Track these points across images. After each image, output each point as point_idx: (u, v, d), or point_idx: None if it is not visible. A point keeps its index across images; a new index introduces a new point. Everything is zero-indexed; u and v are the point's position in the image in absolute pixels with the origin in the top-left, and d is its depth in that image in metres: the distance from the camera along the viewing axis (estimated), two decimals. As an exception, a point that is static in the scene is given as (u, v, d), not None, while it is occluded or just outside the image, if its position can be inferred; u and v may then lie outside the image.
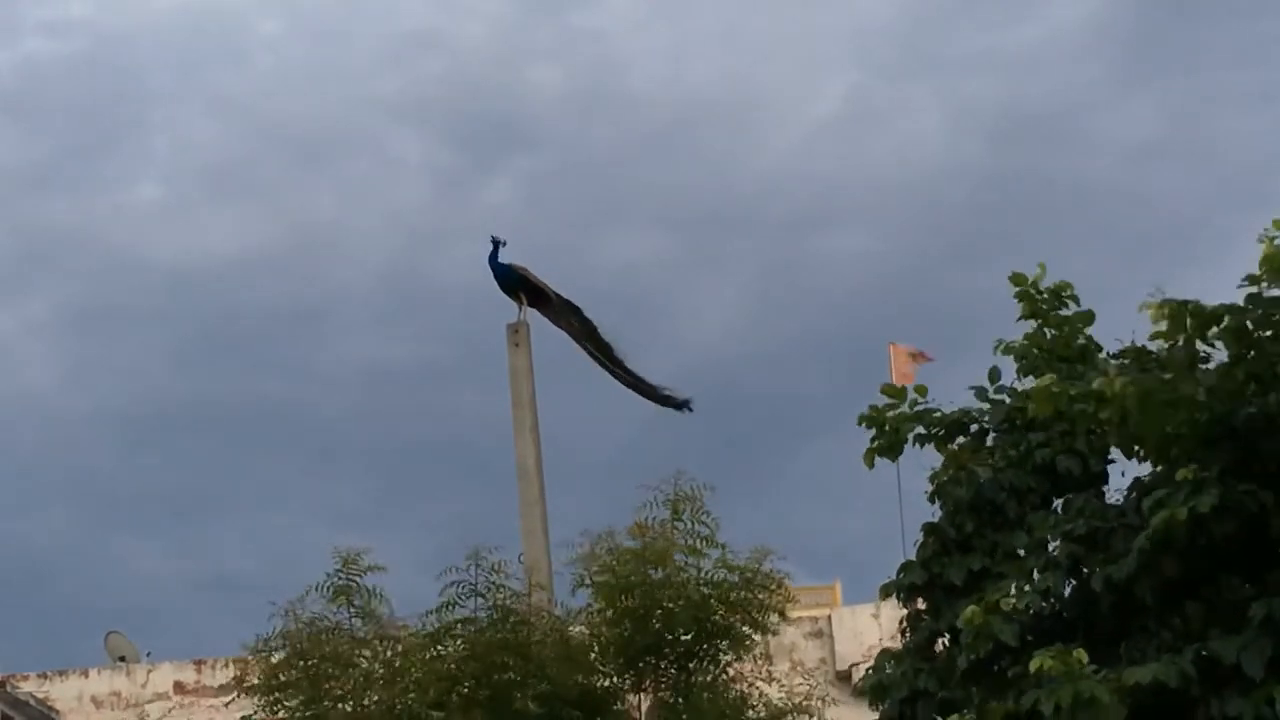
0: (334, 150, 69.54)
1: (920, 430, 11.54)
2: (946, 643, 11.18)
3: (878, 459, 11.58)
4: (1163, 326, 9.65)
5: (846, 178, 66.02)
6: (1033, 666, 9.39)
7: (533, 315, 22.97)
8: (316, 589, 18.16)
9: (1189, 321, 9.57)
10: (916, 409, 11.55)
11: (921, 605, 11.47)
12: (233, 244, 65.18)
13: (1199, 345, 9.71)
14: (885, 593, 11.68)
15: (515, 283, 22.92)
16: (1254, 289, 9.48)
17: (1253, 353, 9.50)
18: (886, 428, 11.50)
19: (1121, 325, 11.59)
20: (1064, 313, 11.60)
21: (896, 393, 11.57)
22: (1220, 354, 10.03)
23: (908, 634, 11.55)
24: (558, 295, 23.19)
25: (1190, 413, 9.58)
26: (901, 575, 11.39)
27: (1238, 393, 9.54)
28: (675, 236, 65.71)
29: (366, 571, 18.33)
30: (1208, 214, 63.50)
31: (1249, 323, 9.48)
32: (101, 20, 73.36)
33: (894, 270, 62.24)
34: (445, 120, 68.62)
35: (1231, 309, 9.53)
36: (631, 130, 67.06)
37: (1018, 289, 11.58)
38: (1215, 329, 9.56)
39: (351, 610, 18.23)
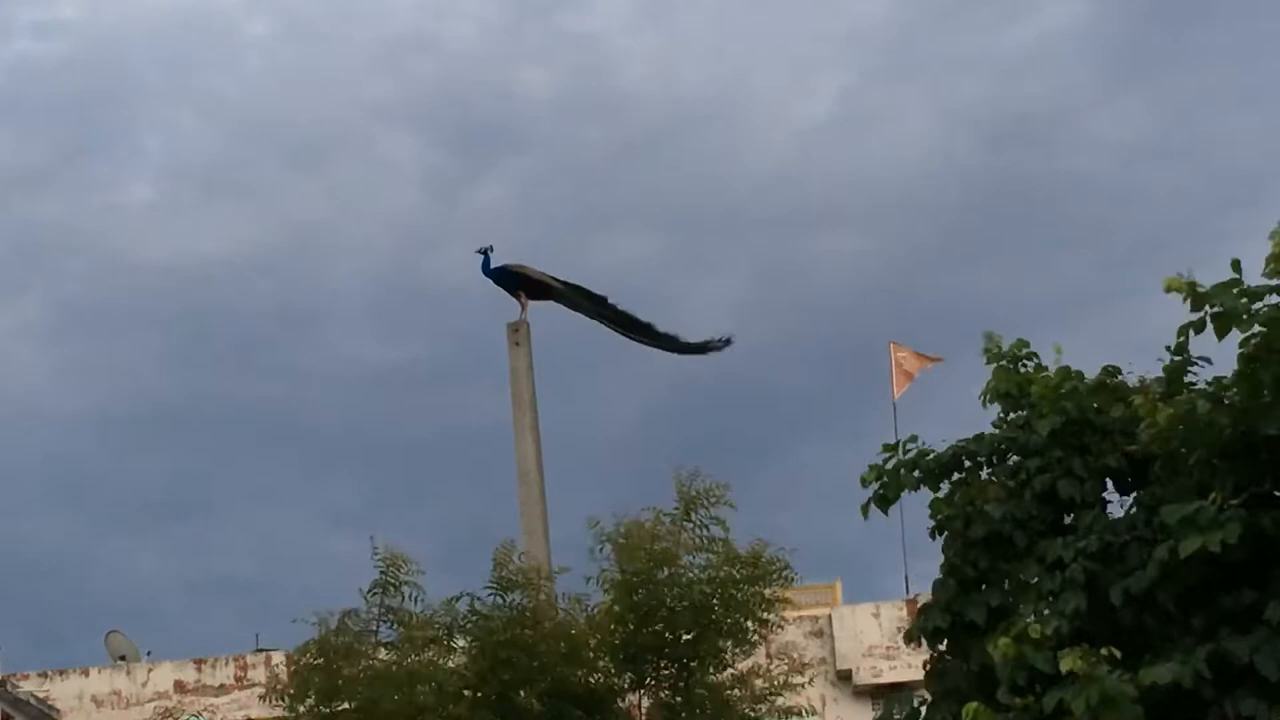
0: (326, 152, 69.57)
1: (918, 474, 11.66)
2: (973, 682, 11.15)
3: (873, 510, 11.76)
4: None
5: (840, 179, 66.14)
6: (1063, 666, 9.50)
7: (539, 309, 22.98)
8: (363, 593, 18.24)
9: None
10: (909, 454, 11.68)
11: (943, 647, 11.49)
12: (226, 245, 65.22)
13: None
14: (909, 638, 11.72)
15: (514, 282, 22.89)
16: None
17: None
18: (887, 479, 11.66)
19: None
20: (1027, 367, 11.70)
21: (892, 447, 11.73)
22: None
23: (936, 679, 11.53)
24: (561, 282, 23.15)
25: (1217, 434, 9.80)
26: (924, 619, 11.39)
27: (1260, 408, 9.66)
28: (669, 237, 65.83)
29: (406, 573, 18.39)
30: (1203, 214, 63.64)
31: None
32: (92, 21, 73.46)
33: (889, 270, 62.35)
34: (437, 122, 68.72)
35: None
36: (623, 132, 67.21)
37: (988, 353, 11.72)
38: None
39: (384, 613, 18.30)
